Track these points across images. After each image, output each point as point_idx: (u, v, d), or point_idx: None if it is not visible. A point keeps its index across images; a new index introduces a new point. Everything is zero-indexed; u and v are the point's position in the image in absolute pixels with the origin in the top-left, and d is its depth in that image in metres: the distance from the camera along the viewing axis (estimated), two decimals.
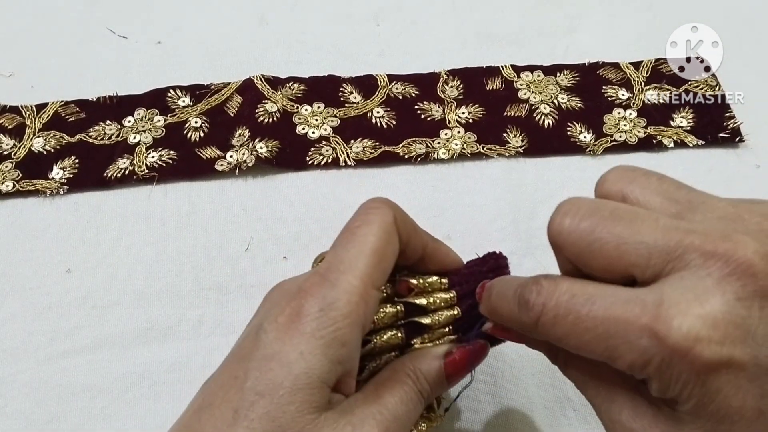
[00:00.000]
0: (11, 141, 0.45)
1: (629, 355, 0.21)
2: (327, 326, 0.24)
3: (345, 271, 0.25)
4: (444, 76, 0.49)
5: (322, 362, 0.24)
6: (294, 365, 0.24)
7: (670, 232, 0.21)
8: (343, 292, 0.24)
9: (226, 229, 0.42)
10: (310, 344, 0.24)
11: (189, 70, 0.49)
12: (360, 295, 0.25)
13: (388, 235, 0.26)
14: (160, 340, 0.38)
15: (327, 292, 0.24)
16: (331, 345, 0.24)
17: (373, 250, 0.25)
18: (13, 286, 0.40)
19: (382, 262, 0.26)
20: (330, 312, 0.24)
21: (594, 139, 0.46)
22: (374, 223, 0.26)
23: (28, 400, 0.36)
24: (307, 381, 0.23)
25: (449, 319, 0.29)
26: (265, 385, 0.24)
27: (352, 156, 0.45)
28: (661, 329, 0.20)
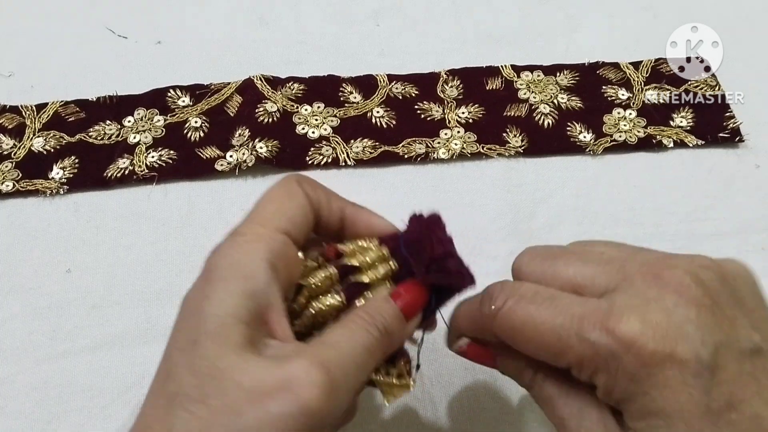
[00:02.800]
0: (11, 141, 0.45)
1: (580, 346, 0.23)
2: (226, 266, 0.24)
3: (246, 223, 0.26)
4: (444, 76, 0.49)
5: (225, 299, 0.23)
6: (199, 308, 0.24)
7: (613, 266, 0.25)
8: (240, 235, 0.25)
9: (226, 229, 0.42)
10: (213, 286, 0.24)
11: (189, 70, 0.49)
12: (255, 233, 0.25)
13: (287, 190, 0.27)
14: (160, 340, 0.38)
15: (231, 239, 0.25)
16: (232, 279, 0.24)
17: (270, 199, 0.27)
18: (13, 286, 0.40)
19: (282, 209, 0.26)
20: (228, 255, 0.25)
21: (594, 139, 0.46)
22: (275, 186, 0.28)
23: (28, 400, 0.36)
24: (215, 320, 0.23)
25: (387, 273, 0.28)
26: (185, 340, 0.24)
27: (352, 156, 0.45)
28: (611, 324, 0.23)
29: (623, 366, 0.22)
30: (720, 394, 0.22)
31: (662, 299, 0.23)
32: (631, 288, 0.24)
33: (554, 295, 0.25)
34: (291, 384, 0.22)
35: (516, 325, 0.25)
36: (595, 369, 0.23)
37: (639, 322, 0.22)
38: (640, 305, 0.23)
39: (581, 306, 0.24)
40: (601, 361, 0.23)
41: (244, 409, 0.22)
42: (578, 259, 0.26)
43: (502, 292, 0.26)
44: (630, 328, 0.22)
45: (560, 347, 0.24)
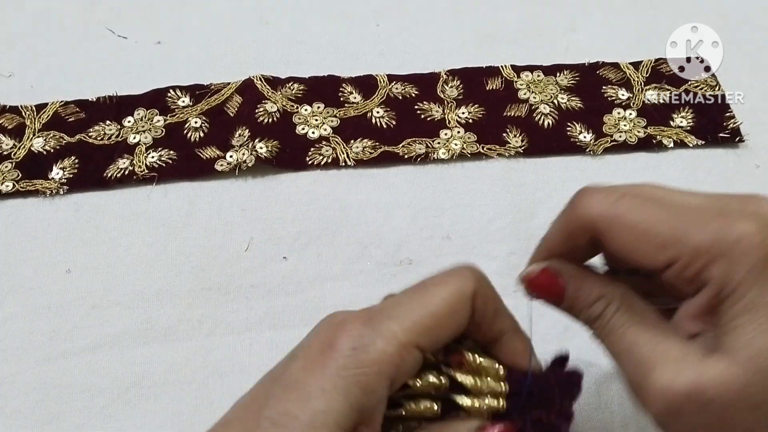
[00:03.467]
0: (11, 141, 0.45)
1: (699, 234, 0.23)
2: (354, 367, 0.23)
3: (393, 318, 0.24)
4: (444, 76, 0.49)
5: (341, 404, 0.23)
6: (313, 401, 0.23)
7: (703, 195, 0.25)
8: (381, 338, 0.23)
9: (226, 229, 0.42)
10: (332, 381, 0.23)
11: (189, 70, 0.49)
12: (397, 347, 0.23)
13: (457, 303, 0.25)
14: (160, 340, 0.38)
15: (366, 332, 0.24)
16: (353, 389, 0.23)
17: (434, 311, 0.24)
18: (13, 286, 0.40)
19: (437, 327, 0.24)
20: (361, 354, 0.23)
21: (594, 139, 0.46)
22: (450, 285, 0.25)
23: (28, 400, 0.36)
24: (323, 420, 0.22)
25: (491, 410, 0.26)
26: (281, 414, 0.23)
27: (352, 156, 0.45)
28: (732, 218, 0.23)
29: (742, 258, 0.22)
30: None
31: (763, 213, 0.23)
32: (733, 203, 0.24)
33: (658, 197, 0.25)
34: None
35: (622, 214, 0.25)
36: (711, 260, 0.23)
37: (755, 223, 0.23)
38: (751, 212, 0.23)
39: (691, 206, 0.24)
40: (719, 252, 0.23)
41: None
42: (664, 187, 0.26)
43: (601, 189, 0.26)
44: (749, 225, 0.23)
45: (674, 237, 0.23)
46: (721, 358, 0.23)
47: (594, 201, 0.26)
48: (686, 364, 0.23)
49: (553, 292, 0.28)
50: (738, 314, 0.23)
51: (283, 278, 0.40)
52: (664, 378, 0.23)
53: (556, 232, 0.28)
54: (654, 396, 0.23)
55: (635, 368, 0.24)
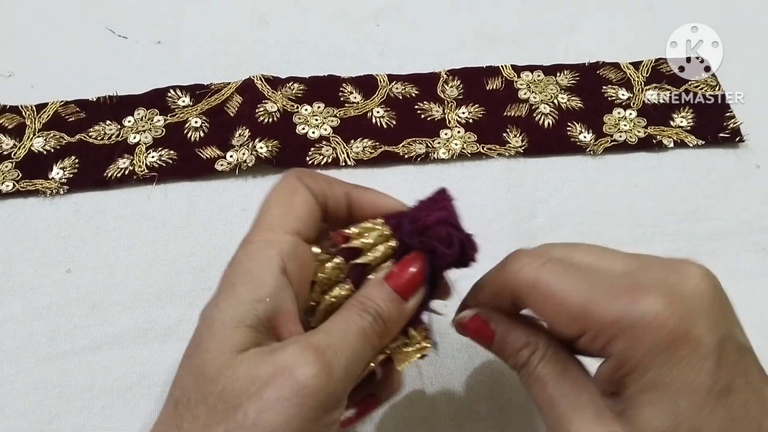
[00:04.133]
0: (11, 141, 0.45)
1: (604, 312, 0.24)
2: (237, 275, 0.25)
3: (253, 228, 0.27)
4: (444, 76, 0.49)
5: (233, 303, 0.24)
6: (209, 315, 0.25)
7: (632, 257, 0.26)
8: (250, 243, 0.26)
9: (226, 229, 0.42)
10: (223, 295, 0.25)
11: (189, 70, 0.49)
12: (264, 240, 0.26)
13: (290, 188, 0.27)
14: (160, 340, 0.38)
15: (240, 250, 0.26)
16: (241, 287, 0.25)
17: (275, 201, 0.27)
18: (13, 286, 0.40)
19: (288, 209, 0.27)
20: (240, 264, 0.26)
21: (594, 139, 0.46)
22: (276, 186, 0.28)
23: (28, 400, 0.36)
24: (219, 324, 0.24)
25: (387, 252, 0.28)
26: (192, 346, 0.25)
27: (352, 156, 0.45)
28: (638, 297, 0.24)
29: (643, 337, 0.23)
30: (720, 377, 0.23)
31: (682, 286, 0.24)
32: (652, 273, 0.25)
33: (580, 265, 0.26)
34: (285, 369, 0.23)
35: (541, 282, 0.26)
36: (614, 336, 0.24)
37: (663, 299, 0.24)
38: (663, 287, 0.24)
39: (607, 277, 0.25)
40: (621, 329, 0.24)
41: (242, 402, 0.22)
42: (597, 249, 0.27)
43: (530, 253, 0.27)
44: (655, 303, 0.24)
45: (582, 310, 0.25)
46: (625, 427, 0.24)
47: (521, 266, 0.27)
48: (599, 424, 0.25)
49: (483, 337, 0.29)
50: (639, 392, 0.24)
51: None
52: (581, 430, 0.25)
53: (485, 286, 0.30)
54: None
55: (554, 421, 0.26)
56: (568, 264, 0.26)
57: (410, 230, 0.28)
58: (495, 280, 0.29)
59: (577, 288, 0.25)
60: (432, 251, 0.27)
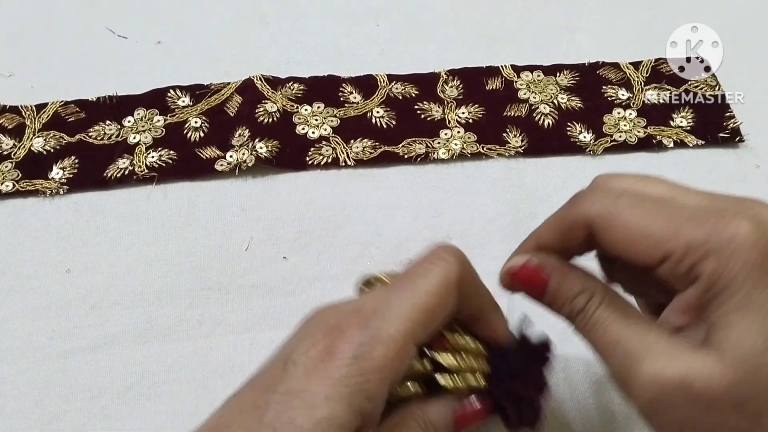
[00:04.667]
0: (11, 141, 0.45)
1: (693, 230, 0.24)
2: (357, 375, 0.23)
3: (389, 320, 0.24)
4: (444, 76, 0.49)
5: (346, 411, 0.22)
6: (317, 409, 0.22)
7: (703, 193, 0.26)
8: (381, 344, 0.23)
9: (226, 229, 0.42)
10: (336, 390, 0.22)
11: (189, 70, 0.49)
12: (398, 351, 0.23)
13: (445, 293, 0.25)
14: (160, 340, 0.38)
15: (366, 339, 0.23)
16: (357, 396, 0.23)
17: (426, 306, 0.24)
18: (13, 286, 0.40)
19: (430, 321, 0.25)
20: (363, 362, 0.23)
21: (594, 139, 0.46)
22: (435, 275, 0.25)
23: (28, 400, 0.36)
24: (326, 427, 0.22)
25: (471, 389, 0.27)
26: (284, 422, 0.22)
27: (352, 156, 0.45)
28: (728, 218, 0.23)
29: (735, 256, 0.23)
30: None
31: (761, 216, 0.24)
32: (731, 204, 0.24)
33: (656, 197, 0.25)
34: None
35: (619, 213, 0.25)
36: (703, 256, 0.23)
37: (751, 223, 0.23)
38: (748, 214, 0.24)
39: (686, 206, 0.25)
40: (711, 249, 0.23)
41: None
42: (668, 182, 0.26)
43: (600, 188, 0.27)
44: (744, 225, 0.23)
45: (667, 233, 0.24)
46: (710, 353, 0.23)
47: (593, 199, 0.26)
48: (675, 356, 0.23)
49: (535, 285, 0.28)
50: (729, 311, 0.23)
51: (283, 278, 0.40)
52: (653, 368, 0.23)
53: (551, 227, 0.29)
54: (642, 386, 0.24)
55: (622, 360, 0.25)
56: (644, 195, 0.26)
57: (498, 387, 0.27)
58: (564, 218, 0.28)
59: (658, 215, 0.25)
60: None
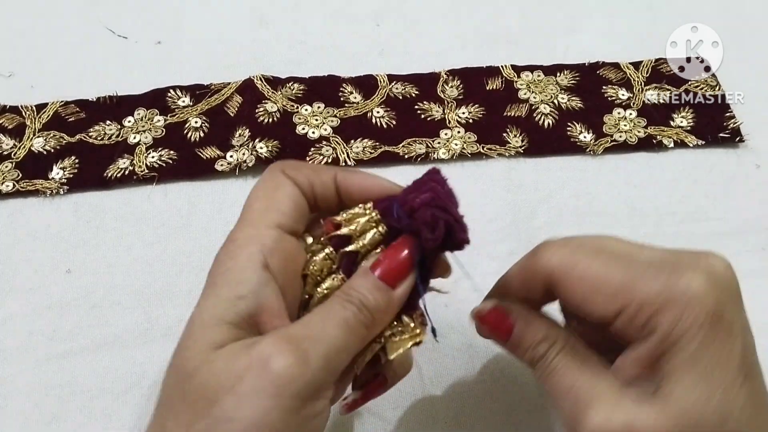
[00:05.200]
0: (11, 141, 0.45)
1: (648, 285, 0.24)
2: (219, 274, 0.25)
3: (236, 226, 0.27)
4: (444, 76, 0.49)
5: (213, 302, 0.25)
6: (191, 316, 0.25)
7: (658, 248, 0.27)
8: (231, 242, 0.26)
9: (226, 229, 0.41)
10: (204, 293, 0.25)
11: (189, 70, 0.49)
12: (246, 237, 0.26)
13: (272, 182, 0.27)
14: (160, 340, 0.38)
15: (223, 249, 0.26)
16: (222, 286, 0.25)
17: (256, 197, 0.27)
18: (13, 286, 0.40)
19: (270, 204, 0.27)
20: (222, 263, 0.26)
21: (594, 139, 0.46)
22: (259, 181, 0.28)
23: (28, 400, 0.36)
24: (199, 323, 0.24)
25: (376, 239, 0.27)
26: (176, 348, 0.25)
27: (352, 156, 0.45)
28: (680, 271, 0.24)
29: (688, 310, 0.24)
30: (745, 360, 0.24)
31: (715, 270, 0.25)
32: (684, 258, 0.25)
33: (613, 251, 0.26)
34: (260, 361, 0.23)
35: (577, 265, 0.26)
36: (658, 310, 0.24)
37: (703, 278, 0.24)
38: (700, 268, 0.25)
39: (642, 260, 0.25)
40: (665, 303, 0.24)
41: (219, 396, 0.22)
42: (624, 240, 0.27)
43: (560, 242, 0.27)
44: (697, 279, 0.24)
45: (623, 287, 0.25)
46: (654, 405, 0.24)
47: (553, 252, 0.27)
48: (621, 406, 0.24)
49: (500, 330, 0.29)
50: (678, 365, 0.24)
51: None
52: (599, 417, 0.24)
53: (514, 277, 0.29)
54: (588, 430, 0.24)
55: (573, 406, 0.25)
56: (601, 249, 0.26)
57: (398, 214, 0.26)
58: (525, 268, 0.28)
59: (616, 268, 0.25)
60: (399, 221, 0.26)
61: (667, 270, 0.25)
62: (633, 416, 0.24)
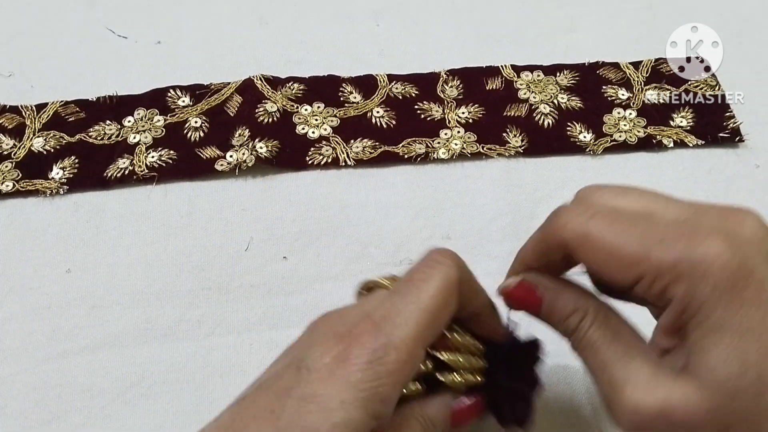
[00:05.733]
0: (11, 141, 0.45)
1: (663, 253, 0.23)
2: (372, 380, 0.23)
3: (399, 325, 0.24)
4: (444, 75, 0.49)
5: (361, 415, 0.23)
6: (334, 413, 0.23)
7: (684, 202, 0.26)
8: (395, 350, 0.24)
9: (226, 229, 0.42)
10: (352, 395, 0.23)
11: (189, 70, 0.49)
12: (409, 355, 0.24)
13: (447, 295, 0.26)
14: (160, 340, 0.38)
15: (379, 345, 0.24)
16: (372, 400, 0.23)
17: (431, 309, 0.25)
18: (13, 286, 0.40)
19: (436, 323, 0.25)
20: (378, 366, 0.23)
21: (594, 138, 0.46)
22: (437, 279, 0.26)
23: (28, 400, 0.36)
24: (343, 430, 0.23)
25: (469, 384, 0.28)
26: (301, 427, 0.23)
27: (352, 156, 0.45)
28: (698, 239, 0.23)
29: (705, 277, 0.23)
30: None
31: (740, 231, 0.24)
32: (708, 219, 0.24)
33: (631, 213, 0.25)
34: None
35: (591, 234, 0.25)
36: (674, 279, 0.23)
37: (723, 242, 0.23)
38: (722, 231, 0.23)
39: (661, 224, 0.24)
40: (681, 271, 0.23)
41: None
42: (648, 194, 0.26)
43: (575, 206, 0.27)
44: (715, 245, 0.23)
45: (637, 256, 0.24)
46: (690, 380, 0.23)
47: (567, 220, 0.26)
48: (656, 384, 0.24)
49: (530, 304, 0.29)
50: (704, 335, 0.23)
51: (283, 278, 0.40)
52: (634, 398, 0.24)
53: (532, 248, 0.29)
54: (624, 415, 0.24)
55: (607, 386, 0.25)
56: (618, 213, 0.25)
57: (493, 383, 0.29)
58: (541, 238, 0.28)
59: (630, 235, 0.24)
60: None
61: (686, 235, 0.23)
62: (668, 395, 0.23)
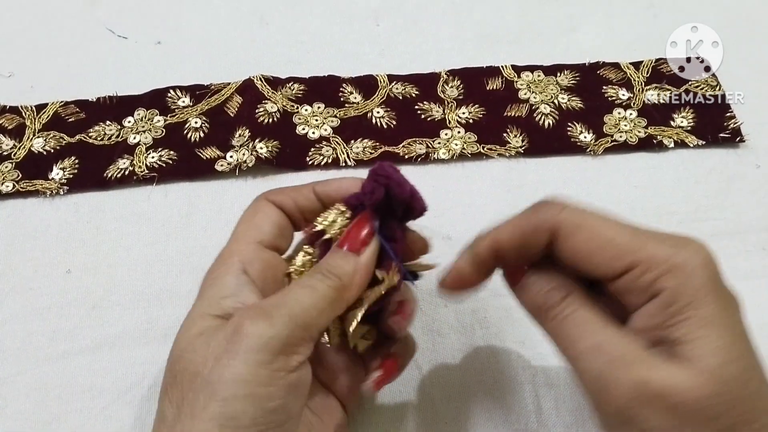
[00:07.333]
0: (11, 141, 0.45)
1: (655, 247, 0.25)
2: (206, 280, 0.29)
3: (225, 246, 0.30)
4: (444, 76, 0.49)
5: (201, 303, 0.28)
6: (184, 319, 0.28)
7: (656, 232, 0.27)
8: (219, 256, 0.30)
9: (226, 229, 0.41)
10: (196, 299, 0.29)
11: (189, 70, 0.49)
12: (229, 251, 0.30)
13: (253, 208, 0.31)
14: (160, 340, 0.38)
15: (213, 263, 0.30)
16: (209, 288, 0.28)
17: (240, 221, 0.31)
18: (13, 286, 0.40)
19: (251, 224, 0.30)
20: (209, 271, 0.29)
21: (594, 139, 0.46)
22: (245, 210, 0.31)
23: (28, 401, 0.36)
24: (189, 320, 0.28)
25: (344, 223, 0.30)
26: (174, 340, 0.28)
27: (352, 156, 0.45)
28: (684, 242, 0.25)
29: (697, 274, 0.24)
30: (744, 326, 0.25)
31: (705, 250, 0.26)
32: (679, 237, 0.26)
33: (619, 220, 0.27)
34: (232, 329, 0.25)
35: (587, 221, 0.27)
36: (666, 272, 0.25)
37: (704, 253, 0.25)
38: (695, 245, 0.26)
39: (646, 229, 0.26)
40: (673, 266, 0.25)
41: (200, 369, 0.25)
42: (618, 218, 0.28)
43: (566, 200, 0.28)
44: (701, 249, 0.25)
45: (632, 246, 0.25)
46: (687, 366, 0.24)
47: (563, 207, 0.27)
48: (655, 365, 0.24)
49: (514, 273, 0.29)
50: (697, 327, 0.24)
51: None
52: (638, 374, 0.24)
53: (513, 228, 0.29)
54: (623, 391, 0.24)
55: (606, 365, 0.25)
56: (607, 215, 0.27)
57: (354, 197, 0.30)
58: (528, 220, 0.28)
59: (623, 231, 0.26)
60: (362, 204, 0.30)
61: (673, 239, 0.26)
62: (667, 377, 0.24)
